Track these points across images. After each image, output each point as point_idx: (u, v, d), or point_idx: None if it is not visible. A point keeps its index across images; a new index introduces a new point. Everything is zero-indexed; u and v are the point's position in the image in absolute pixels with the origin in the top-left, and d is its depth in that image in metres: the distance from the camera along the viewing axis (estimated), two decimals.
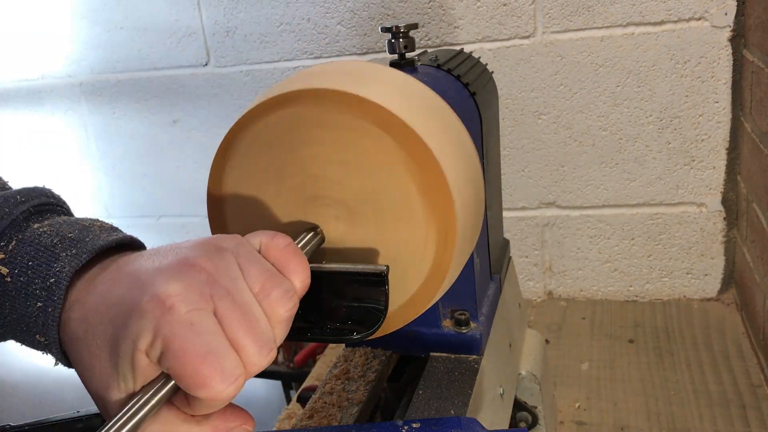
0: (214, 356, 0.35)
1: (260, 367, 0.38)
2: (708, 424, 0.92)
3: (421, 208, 0.47)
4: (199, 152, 1.52)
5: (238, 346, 0.37)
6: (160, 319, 0.36)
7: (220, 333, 0.37)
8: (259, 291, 0.39)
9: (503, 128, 1.24)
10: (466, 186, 0.50)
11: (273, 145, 0.49)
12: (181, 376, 0.35)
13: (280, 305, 0.39)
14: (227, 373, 0.35)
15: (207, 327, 0.36)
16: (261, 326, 0.38)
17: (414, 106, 0.48)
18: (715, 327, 1.15)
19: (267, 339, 0.38)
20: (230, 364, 0.36)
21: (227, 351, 0.36)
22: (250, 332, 0.37)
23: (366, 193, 0.48)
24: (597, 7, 1.14)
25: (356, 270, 0.45)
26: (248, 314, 0.38)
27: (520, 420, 0.80)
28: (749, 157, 1.07)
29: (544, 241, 1.31)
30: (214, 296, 0.37)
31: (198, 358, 0.35)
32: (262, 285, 0.39)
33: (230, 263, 0.39)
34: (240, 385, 0.36)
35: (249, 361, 0.37)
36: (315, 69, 0.52)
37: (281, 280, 0.40)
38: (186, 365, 0.35)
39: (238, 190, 0.51)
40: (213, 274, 0.38)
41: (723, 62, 1.11)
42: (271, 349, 0.38)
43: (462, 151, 0.51)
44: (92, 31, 1.49)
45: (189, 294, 0.37)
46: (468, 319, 0.65)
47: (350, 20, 1.29)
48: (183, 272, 0.38)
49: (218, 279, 0.38)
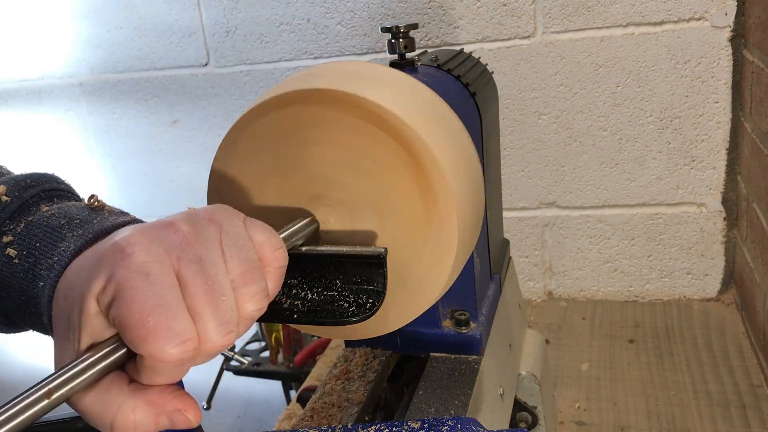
0: (164, 310, 0.33)
1: (215, 346, 0.34)
2: (708, 424, 0.92)
3: (422, 208, 0.47)
4: (199, 152, 1.52)
5: (196, 315, 0.34)
6: (116, 263, 0.34)
7: (177, 291, 0.34)
8: (238, 278, 0.36)
9: (503, 128, 1.24)
10: (466, 186, 0.50)
11: (274, 145, 0.49)
12: (126, 327, 0.33)
13: (253, 302, 0.37)
14: (175, 331, 0.33)
15: (163, 281, 0.34)
16: (226, 302, 0.35)
17: (414, 107, 0.48)
18: (715, 327, 1.15)
19: (230, 317, 0.35)
20: (180, 325, 0.33)
21: (180, 311, 0.33)
22: (211, 304, 0.34)
23: (366, 193, 0.48)
24: (597, 7, 1.14)
25: (355, 252, 0.45)
26: (215, 286, 0.35)
27: (520, 420, 0.80)
28: (749, 157, 1.07)
29: (544, 241, 1.31)
30: (182, 259, 0.35)
31: (146, 309, 0.32)
32: (242, 273, 0.36)
33: (212, 235, 0.37)
34: (188, 351, 0.33)
35: (205, 334, 0.34)
36: (315, 69, 0.52)
37: (261, 277, 0.38)
38: (132, 314, 0.32)
39: (239, 186, 0.51)
40: (189, 238, 0.36)
41: (723, 62, 1.11)
42: (231, 331, 0.35)
43: (462, 151, 0.51)
44: (92, 31, 1.49)
45: (153, 247, 0.34)
46: (468, 319, 0.65)
47: (350, 20, 1.29)
48: (156, 229, 0.36)
49: (193, 245, 0.35)
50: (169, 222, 0.36)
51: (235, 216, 0.39)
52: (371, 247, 0.46)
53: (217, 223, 0.38)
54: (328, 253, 0.46)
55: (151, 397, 0.35)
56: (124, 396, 0.35)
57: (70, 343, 0.35)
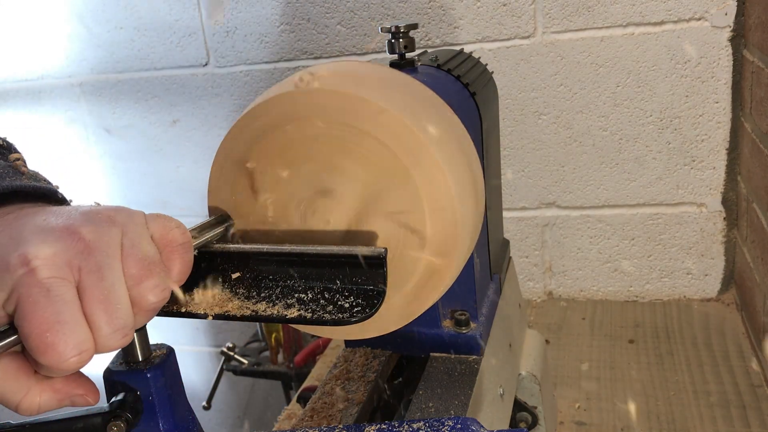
0: (62, 326, 0.36)
1: (111, 348, 0.38)
2: (708, 425, 0.92)
3: (421, 208, 0.47)
4: (199, 152, 1.52)
5: (92, 323, 0.37)
6: (20, 278, 0.36)
7: (75, 305, 0.37)
8: (135, 274, 0.39)
9: (503, 128, 1.24)
10: (466, 186, 0.50)
11: (274, 145, 0.49)
12: (26, 337, 0.36)
13: (153, 294, 0.40)
14: (72, 345, 0.36)
15: (63, 297, 0.36)
16: (121, 310, 0.38)
17: (414, 107, 0.48)
18: (715, 327, 1.15)
19: (123, 323, 0.38)
20: (78, 338, 0.36)
21: (78, 324, 0.36)
22: (106, 312, 0.37)
23: (366, 193, 0.48)
24: (597, 7, 1.14)
25: (356, 253, 0.45)
26: (111, 295, 0.38)
27: (520, 420, 0.80)
28: (749, 157, 1.07)
29: (544, 241, 1.31)
30: (83, 269, 0.37)
31: (44, 325, 0.35)
32: (139, 270, 0.39)
33: (113, 239, 0.39)
34: (85, 360, 0.37)
35: (100, 340, 0.37)
36: (315, 69, 0.52)
37: (160, 270, 0.41)
38: (32, 328, 0.35)
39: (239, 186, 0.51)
40: (90, 246, 0.38)
41: (723, 62, 1.11)
42: (126, 334, 0.39)
43: (462, 151, 0.51)
44: (92, 31, 1.49)
45: (56, 260, 0.37)
46: (468, 319, 0.65)
47: (350, 20, 1.29)
48: (61, 239, 0.38)
49: (93, 253, 0.38)
50: (72, 228, 0.38)
51: (135, 214, 0.42)
52: (371, 247, 0.46)
53: (118, 224, 0.40)
54: (329, 253, 0.46)
55: (57, 386, 0.40)
56: (31, 383, 0.39)
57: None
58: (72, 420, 0.43)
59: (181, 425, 0.45)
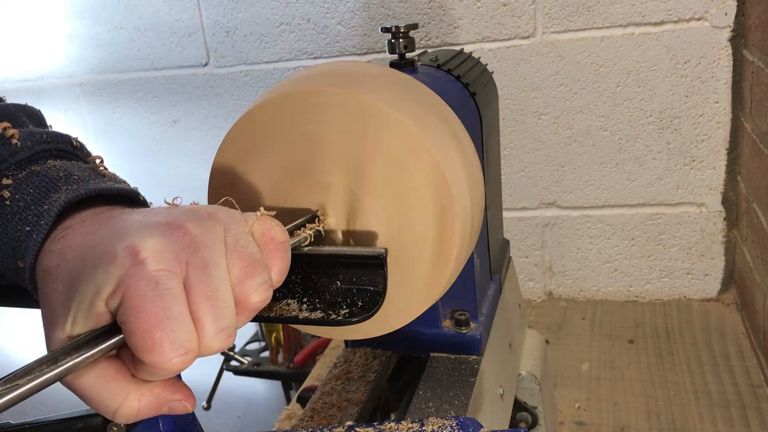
0: (170, 322, 0.34)
1: (213, 350, 0.36)
2: (708, 425, 0.92)
3: (421, 208, 0.47)
4: (199, 152, 1.52)
5: (198, 321, 0.35)
6: (127, 270, 0.35)
7: (183, 301, 0.35)
8: (239, 273, 0.38)
9: (503, 128, 1.24)
10: (466, 186, 0.50)
11: (275, 144, 0.49)
12: (132, 334, 0.34)
13: (257, 294, 0.38)
14: (178, 343, 0.34)
15: (172, 291, 0.35)
16: (227, 309, 0.37)
17: (414, 107, 0.48)
18: (715, 327, 1.15)
19: (228, 323, 0.37)
20: (184, 336, 0.34)
21: (185, 321, 0.35)
22: (212, 310, 0.36)
23: (367, 193, 0.48)
24: (597, 7, 1.14)
25: (355, 253, 0.45)
26: (218, 293, 0.36)
27: (520, 420, 0.80)
28: (749, 157, 1.07)
29: (544, 242, 1.31)
30: (190, 264, 0.36)
31: (153, 320, 0.34)
32: (243, 269, 0.38)
33: (217, 236, 0.38)
34: (189, 361, 0.35)
35: (204, 340, 0.36)
36: (315, 69, 0.52)
37: (263, 269, 0.39)
38: (139, 324, 0.34)
39: (240, 186, 0.51)
40: (197, 241, 0.37)
41: (723, 62, 1.11)
42: (230, 335, 0.37)
43: (462, 151, 0.51)
44: (92, 31, 1.49)
45: (164, 254, 0.35)
46: (468, 319, 0.65)
47: (350, 20, 1.29)
48: (167, 232, 0.36)
49: (200, 248, 0.36)
50: (177, 223, 0.37)
51: (235, 213, 0.41)
52: (371, 247, 0.46)
53: (221, 221, 0.39)
54: (329, 253, 0.46)
55: (157, 390, 0.37)
56: (130, 388, 0.37)
57: (67, 323, 0.36)
58: (72, 420, 0.43)
59: (181, 425, 0.45)
